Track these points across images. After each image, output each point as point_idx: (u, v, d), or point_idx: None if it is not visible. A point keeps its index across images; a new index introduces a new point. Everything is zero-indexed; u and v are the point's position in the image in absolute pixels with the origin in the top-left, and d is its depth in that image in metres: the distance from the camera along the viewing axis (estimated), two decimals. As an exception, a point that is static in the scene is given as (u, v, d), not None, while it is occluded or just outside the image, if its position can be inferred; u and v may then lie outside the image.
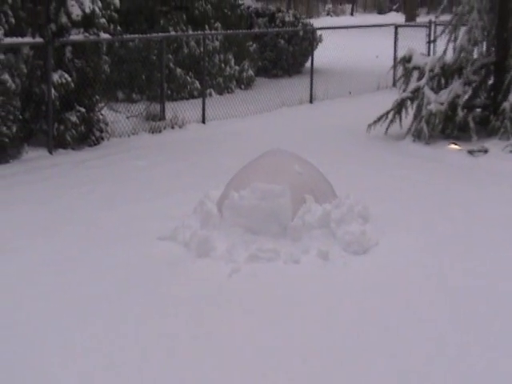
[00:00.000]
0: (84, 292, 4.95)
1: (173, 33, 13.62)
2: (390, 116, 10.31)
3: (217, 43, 14.68)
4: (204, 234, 5.67)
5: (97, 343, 4.24)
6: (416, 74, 10.50)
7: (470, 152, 8.98)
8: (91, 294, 4.92)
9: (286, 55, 17.70)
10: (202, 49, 12.13)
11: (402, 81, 10.72)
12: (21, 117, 8.64)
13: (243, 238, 5.67)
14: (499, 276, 5.30)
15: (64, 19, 9.01)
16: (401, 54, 11.48)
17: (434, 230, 6.29)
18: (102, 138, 9.70)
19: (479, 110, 10.08)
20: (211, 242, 5.59)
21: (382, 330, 4.43)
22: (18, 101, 8.50)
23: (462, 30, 10.02)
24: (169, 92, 12.86)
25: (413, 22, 25.33)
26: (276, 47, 17.62)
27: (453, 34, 10.07)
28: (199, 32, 13.89)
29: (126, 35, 10.81)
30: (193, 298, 4.87)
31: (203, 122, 11.52)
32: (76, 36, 9.12)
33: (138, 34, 12.00)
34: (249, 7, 18.22)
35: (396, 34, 16.16)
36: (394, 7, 50.39)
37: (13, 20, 8.53)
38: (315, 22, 23.81)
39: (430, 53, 14.99)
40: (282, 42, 17.63)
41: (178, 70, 13.66)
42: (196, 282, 5.13)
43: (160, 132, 10.65)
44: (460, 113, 9.57)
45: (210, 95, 13.72)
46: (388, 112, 10.33)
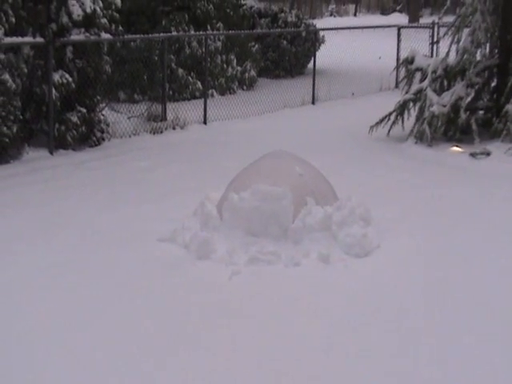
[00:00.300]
0: (84, 294, 4.93)
1: (175, 33, 13.60)
2: (393, 118, 10.27)
3: (219, 43, 14.66)
4: (204, 236, 5.64)
5: (97, 345, 4.22)
6: (419, 75, 10.47)
7: (472, 154, 8.95)
8: (91, 295, 4.90)
9: (288, 56, 17.67)
10: (204, 49, 12.12)
11: (404, 82, 10.69)
12: (21, 117, 8.62)
13: (243, 240, 5.64)
14: (501, 280, 5.27)
15: (65, 19, 9.00)
16: (404, 56, 11.45)
17: (436, 233, 6.26)
18: (103, 139, 9.68)
19: (482, 112, 10.05)
20: (211, 244, 5.57)
21: (383, 333, 4.41)
22: (18, 101, 8.47)
23: (465, 31, 9.98)
24: (170, 92, 12.86)
25: (416, 23, 25.30)
26: (278, 48, 17.59)
27: (456, 36, 10.03)
28: (201, 32, 13.89)
29: (127, 35, 10.80)
30: (193, 300, 4.84)
31: (205, 122, 11.49)
32: (77, 36, 9.10)
33: (139, 34, 11.98)
34: (251, 7, 18.19)
35: (399, 35, 16.11)
36: (398, 8, 50.34)
37: (13, 19, 8.50)
38: (318, 23, 23.81)
39: (433, 54, 14.97)
40: (285, 42, 17.60)
41: (179, 70, 13.64)
42: (196, 285, 5.10)
43: (161, 133, 10.63)
44: (462, 115, 9.54)
45: (212, 96, 13.70)
46: (390, 114, 10.30)
